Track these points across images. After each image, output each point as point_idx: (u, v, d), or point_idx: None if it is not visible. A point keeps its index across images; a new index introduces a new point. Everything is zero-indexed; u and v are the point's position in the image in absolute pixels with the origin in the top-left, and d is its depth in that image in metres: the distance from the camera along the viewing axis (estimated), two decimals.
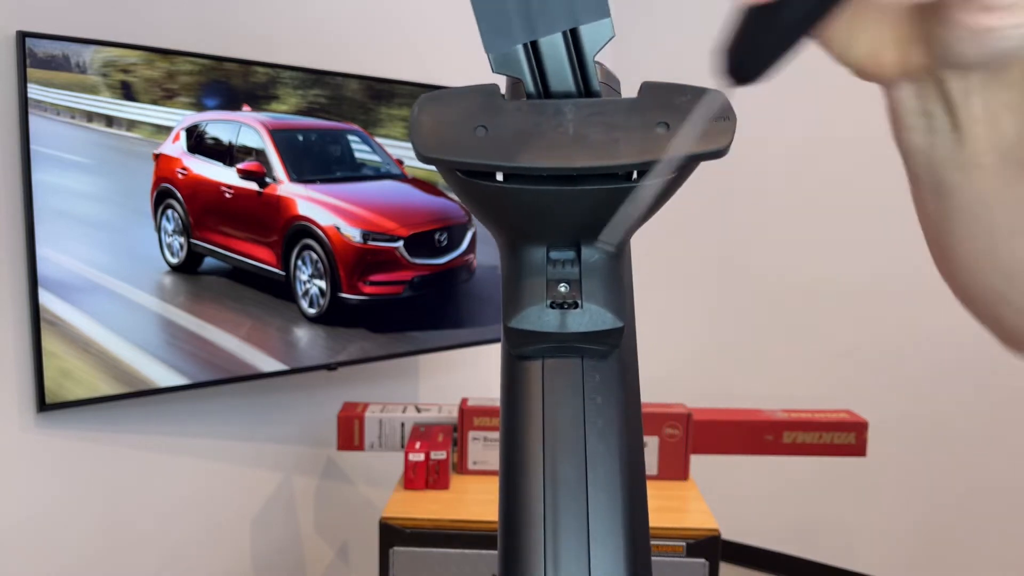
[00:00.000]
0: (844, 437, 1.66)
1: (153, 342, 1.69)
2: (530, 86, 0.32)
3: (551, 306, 0.32)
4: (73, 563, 1.70)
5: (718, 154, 0.30)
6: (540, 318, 0.32)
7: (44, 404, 1.55)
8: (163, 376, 1.70)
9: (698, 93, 0.30)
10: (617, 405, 0.32)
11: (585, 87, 0.32)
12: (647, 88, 0.31)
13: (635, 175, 0.30)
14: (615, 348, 0.33)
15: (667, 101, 0.30)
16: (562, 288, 0.32)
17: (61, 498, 1.67)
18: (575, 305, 0.32)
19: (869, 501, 2.61)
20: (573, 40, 0.31)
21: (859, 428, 1.65)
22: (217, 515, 1.96)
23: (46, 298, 1.54)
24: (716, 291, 2.87)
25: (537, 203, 0.31)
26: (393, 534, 1.45)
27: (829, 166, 2.60)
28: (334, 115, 1.92)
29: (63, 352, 1.56)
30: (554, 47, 0.31)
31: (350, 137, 1.96)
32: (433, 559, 1.44)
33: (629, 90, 0.32)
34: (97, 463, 1.72)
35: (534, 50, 0.31)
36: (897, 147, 0.36)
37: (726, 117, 0.30)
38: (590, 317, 0.32)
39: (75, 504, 1.69)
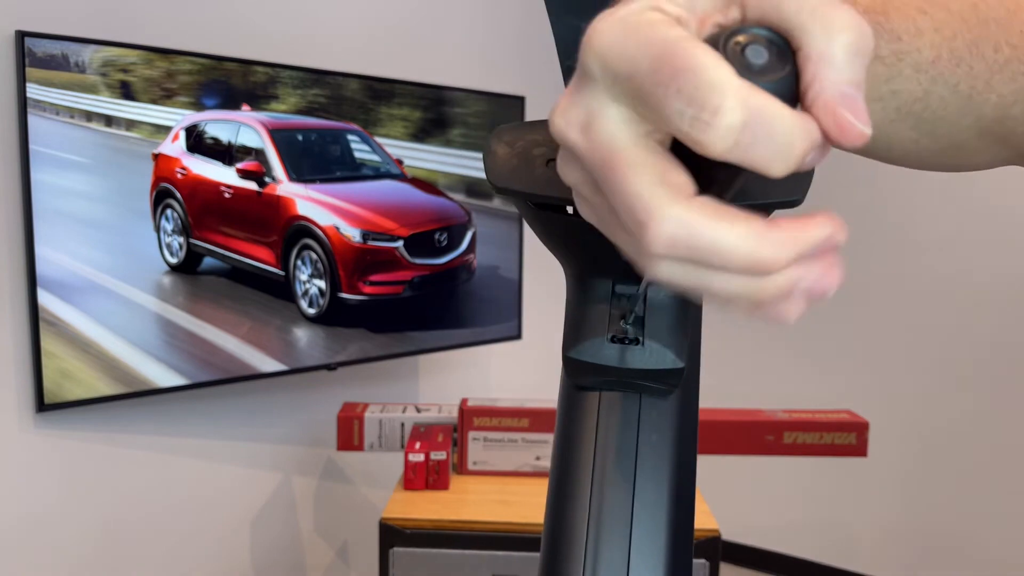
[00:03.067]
0: (844, 437, 1.65)
1: (152, 342, 1.69)
2: None
3: (612, 340, 0.31)
4: (73, 563, 1.70)
5: (791, 204, 0.30)
6: (599, 351, 0.31)
7: (43, 404, 1.55)
8: (162, 376, 1.70)
9: None
10: (671, 444, 0.32)
11: None
12: None
13: None
14: (674, 388, 0.32)
15: None
16: (625, 323, 0.32)
17: (61, 498, 1.67)
18: (636, 341, 0.31)
19: (869, 501, 2.61)
20: None
21: (859, 428, 1.65)
22: (217, 515, 1.96)
23: (45, 298, 1.53)
24: None
25: (605, 238, 0.30)
26: (393, 534, 1.45)
27: (830, 165, 2.59)
28: (334, 115, 1.92)
29: (62, 352, 1.56)
30: None
31: (350, 137, 1.96)
32: (433, 559, 1.44)
33: None
34: (97, 463, 1.72)
35: None
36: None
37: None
38: (651, 355, 0.31)
39: (75, 504, 1.69)
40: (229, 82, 1.75)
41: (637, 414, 0.32)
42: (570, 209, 0.30)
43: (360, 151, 1.98)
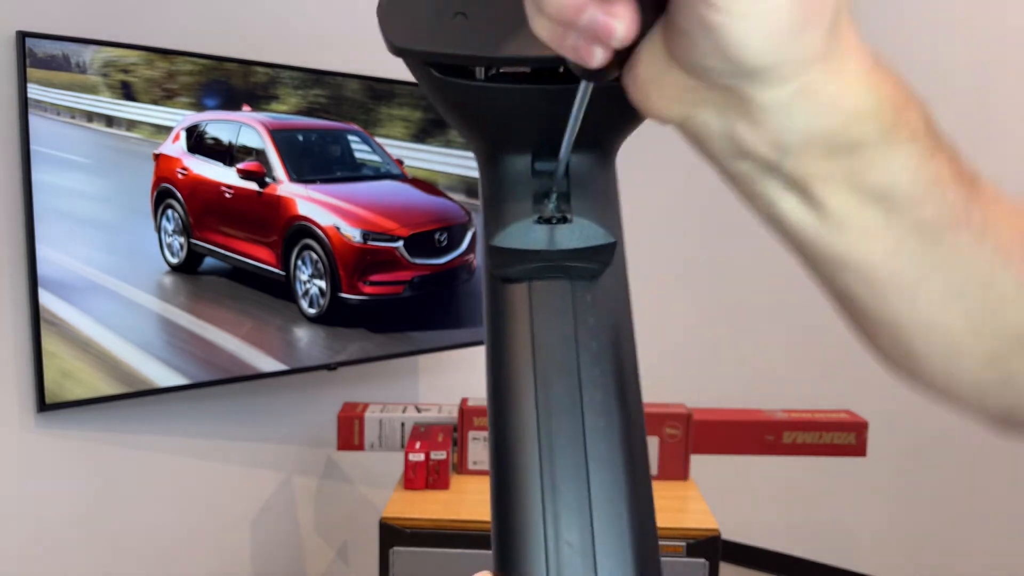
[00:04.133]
0: (844, 437, 1.65)
1: (153, 342, 1.69)
2: None
3: (539, 221, 0.29)
4: (73, 562, 1.70)
5: None
6: (527, 235, 0.29)
7: (44, 404, 1.55)
8: (163, 376, 1.70)
9: None
10: (610, 327, 0.29)
11: None
12: None
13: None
14: (606, 267, 0.30)
15: None
16: (550, 201, 0.29)
17: (61, 498, 1.67)
18: (564, 220, 0.29)
19: (869, 501, 2.61)
20: None
21: (859, 428, 1.65)
22: (217, 515, 1.96)
23: (46, 298, 1.53)
24: (717, 291, 2.87)
25: (523, 104, 0.28)
26: (393, 534, 1.45)
27: None
28: (334, 115, 1.92)
29: (63, 352, 1.56)
30: None
31: (350, 137, 1.96)
32: (433, 559, 1.44)
33: None
34: (97, 463, 1.72)
35: None
36: (775, 233, 0.31)
37: None
38: (581, 232, 0.29)
39: (75, 504, 1.69)
40: (229, 82, 1.75)
41: (571, 298, 0.29)
42: (480, 74, 0.27)
43: (360, 151, 1.98)
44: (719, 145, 0.27)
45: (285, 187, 1.84)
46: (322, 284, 1.92)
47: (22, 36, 1.47)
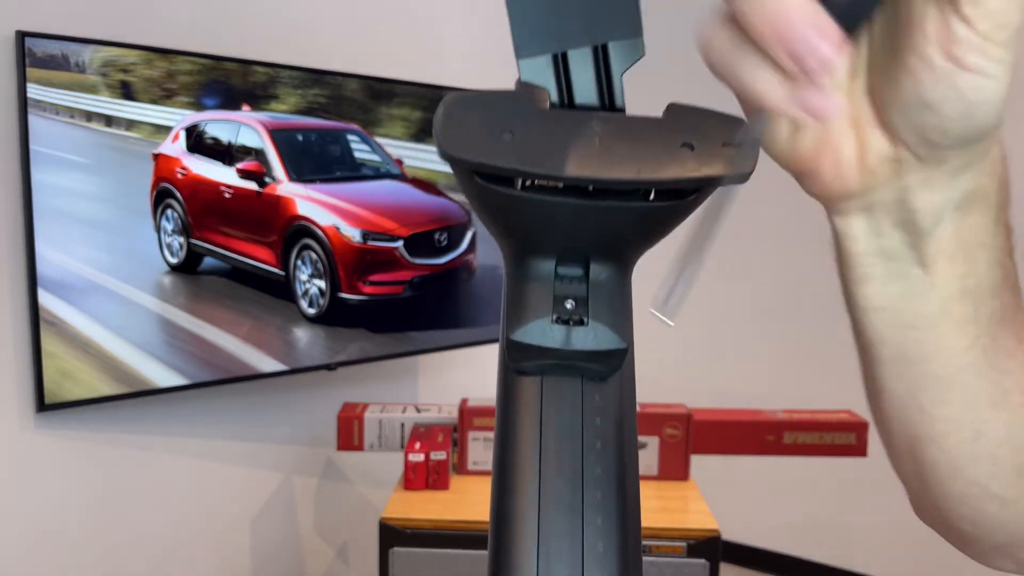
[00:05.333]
0: (844, 437, 1.65)
1: (153, 342, 1.69)
2: (555, 96, 0.31)
3: (556, 321, 0.31)
4: (73, 563, 1.70)
5: (740, 179, 0.29)
6: (544, 333, 0.31)
7: (43, 404, 1.55)
8: (163, 376, 1.70)
9: (724, 119, 0.30)
10: (616, 428, 0.32)
11: (610, 102, 0.32)
12: (673, 109, 0.31)
13: (653, 194, 0.30)
14: (616, 370, 0.32)
15: (692, 123, 0.30)
16: (569, 304, 0.31)
17: (61, 498, 1.67)
18: (581, 322, 0.31)
19: (869, 501, 2.61)
20: (603, 55, 0.31)
21: (859, 428, 1.65)
22: (217, 515, 1.96)
23: (45, 298, 1.53)
24: (717, 290, 2.87)
25: (553, 214, 0.30)
26: (393, 534, 1.45)
27: None
28: (334, 115, 1.92)
29: (63, 352, 1.56)
30: (583, 61, 0.31)
31: (350, 137, 1.96)
32: (433, 560, 1.44)
33: (646, 103, 0.32)
34: (97, 463, 1.72)
35: (563, 62, 0.31)
36: (848, 306, 0.32)
37: (751, 143, 0.30)
38: (595, 336, 0.31)
39: (74, 504, 1.69)
40: (229, 82, 1.75)
41: (581, 396, 0.32)
42: (518, 183, 0.30)
43: (360, 151, 1.98)
44: (881, 215, 0.29)
45: (285, 187, 1.83)
46: (322, 284, 1.92)
47: (21, 36, 1.47)
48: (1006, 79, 0.24)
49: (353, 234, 1.93)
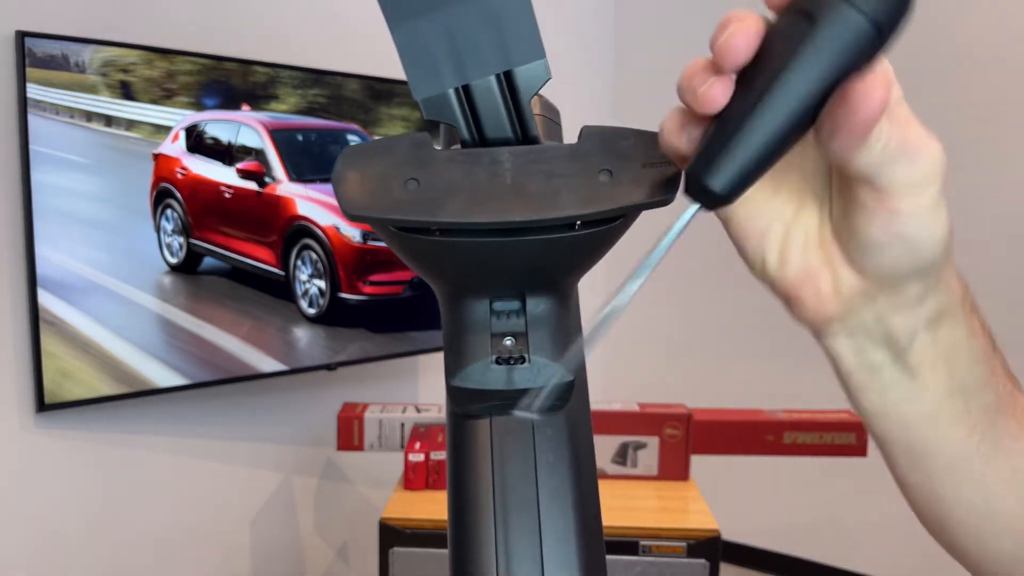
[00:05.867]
0: (844, 437, 1.65)
1: (153, 342, 1.69)
2: (464, 133, 0.30)
3: (497, 362, 0.30)
4: (73, 562, 1.70)
5: (663, 203, 0.29)
6: (485, 375, 0.30)
7: (43, 404, 1.55)
8: (163, 376, 1.70)
9: (641, 137, 0.29)
10: (570, 463, 0.30)
11: (523, 133, 0.30)
12: (588, 133, 0.29)
13: (577, 225, 0.29)
14: (565, 403, 0.31)
15: (609, 146, 0.29)
16: (508, 342, 0.30)
17: (61, 498, 1.67)
18: (522, 360, 0.30)
19: (869, 501, 2.61)
20: (508, 83, 0.29)
21: (859, 428, 1.65)
22: (217, 515, 1.96)
23: (45, 298, 1.53)
24: (717, 290, 2.87)
25: (477, 256, 0.29)
26: (393, 534, 1.45)
27: None
28: (334, 115, 1.92)
29: (62, 352, 1.56)
30: (488, 91, 0.29)
31: (349, 137, 1.96)
32: (433, 560, 1.44)
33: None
34: (97, 463, 1.72)
35: (467, 95, 0.29)
36: (858, 412, 0.35)
37: (670, 162, 0.29)
38: (538, 372, 0.30)
39: (75, 504, 1.69)
40: (229, 82, 1.75)
41: (532, 435, 0.30)
42: (435, 231, 0.28)
43: None
44: (861, 337, 0.33)
45: (285, 187, 1.83)
46: (322, 284, 1.92)
47: (21, 36, 1.47)
48: (943, 218, 0.29)
49: (353, 234, 1.93)
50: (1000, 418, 0.34)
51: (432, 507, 1.51)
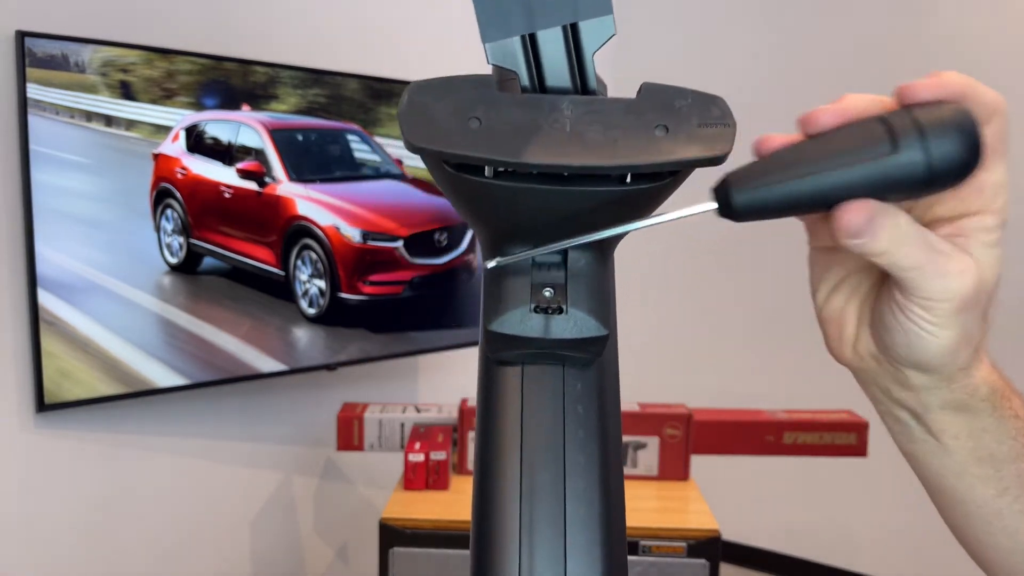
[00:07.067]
0: (845, 437, 1.65)
1: (152, 342, 1.69)
2: (525, 80, 0.30)
3: (535, 310, 0.30)
4: (73, 563, 1.70)
5: (715, 161, 0.29)
6: (523, 322, 0.30)
7: (43, 404, 1.55)
8: (162, 376, 1.70)
9: (698, 97, 0.29)
10: (598, 416, 0.31)
11: (582, 85, 0.30)
12: (647, 89, 0.30)
13: (629, 178, 0.29)
14: (598, 357, 0.31)
15: (667, 103, 0.29)
16: (547, 292, 0.31)
17: (61, 498, 1.67)
18: (560, 310, 0.30)
19: (869, 501, 2.61)
20: (573, 36, 0.30)
21: (860, 428, 1.65)
22: (217, 515, 1.96)
23: (45, 298, 1.53)
24: (717, 290, 2.87)
25: (527, 202, 0.29)
26: (393, 535, 1.45)
27: None
28: (333, 115, 1.92)
29: (62, 352, 1.56)
30: (553, 41, 0.30)
31: (349, 137, 1.96)
32: (433, 560, 1.44)
33: (629, 90, 0.31)
34: (96, 463, 1.72)
35: (532, 43, 0.30)
36: (912, 463, 0.38)
37: (726, 123, 0.29)
38: (575, 324, 0.30)
39: (74, 504, 1.69)
40: (229, 82, 1.75)
41: (562, 385, 0.31)
42: (488, 172, 0.29)
43: (360, 151, 1.98)
44: (878, 391, 0.37)
45: (284, 187, 1.83)
46: (322, 284, 1.92)
47: (21, 36, 1.47)
48: (946, 337, 0.32)
49: (353, 234, 1.93)
50: None
51: (432, 507, 1.51)
